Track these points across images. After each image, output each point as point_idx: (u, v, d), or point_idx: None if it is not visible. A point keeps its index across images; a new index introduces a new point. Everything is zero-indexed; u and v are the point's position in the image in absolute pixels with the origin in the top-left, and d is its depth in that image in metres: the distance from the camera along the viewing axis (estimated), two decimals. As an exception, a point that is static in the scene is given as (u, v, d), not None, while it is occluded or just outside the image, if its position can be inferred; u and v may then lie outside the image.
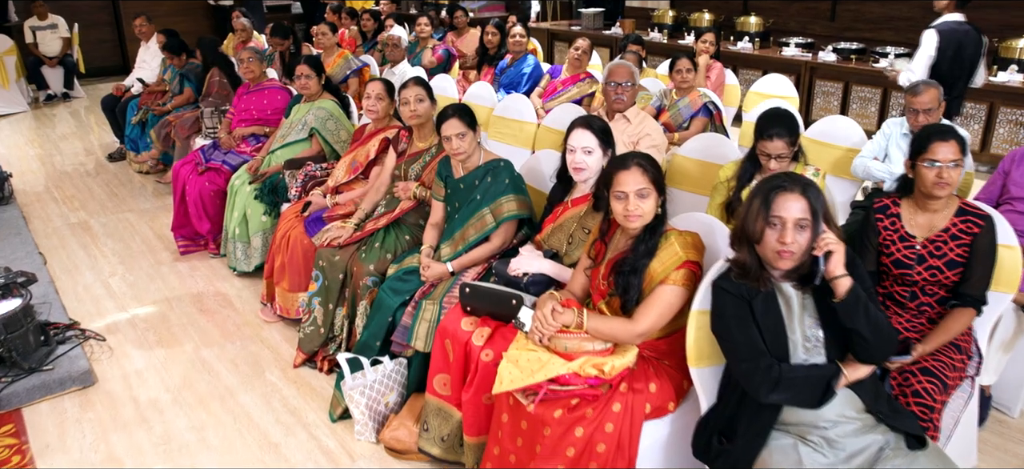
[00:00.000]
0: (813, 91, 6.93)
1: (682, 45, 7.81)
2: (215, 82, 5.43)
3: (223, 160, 4.43)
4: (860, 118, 6.55)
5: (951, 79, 4.39)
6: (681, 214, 2.49)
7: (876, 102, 6.45)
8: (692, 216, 2.49)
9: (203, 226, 4.41)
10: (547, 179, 3.19)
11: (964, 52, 4.44)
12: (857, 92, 6.59)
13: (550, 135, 4.17)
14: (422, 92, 3.24)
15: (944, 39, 4.39)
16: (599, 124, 2.63)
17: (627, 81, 3.49)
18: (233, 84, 5.33)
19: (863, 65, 6.61)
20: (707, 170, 3.44)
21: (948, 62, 4.41)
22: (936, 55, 4.39)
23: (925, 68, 4.44)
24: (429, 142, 3.33)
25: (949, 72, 4.42)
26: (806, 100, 6.91)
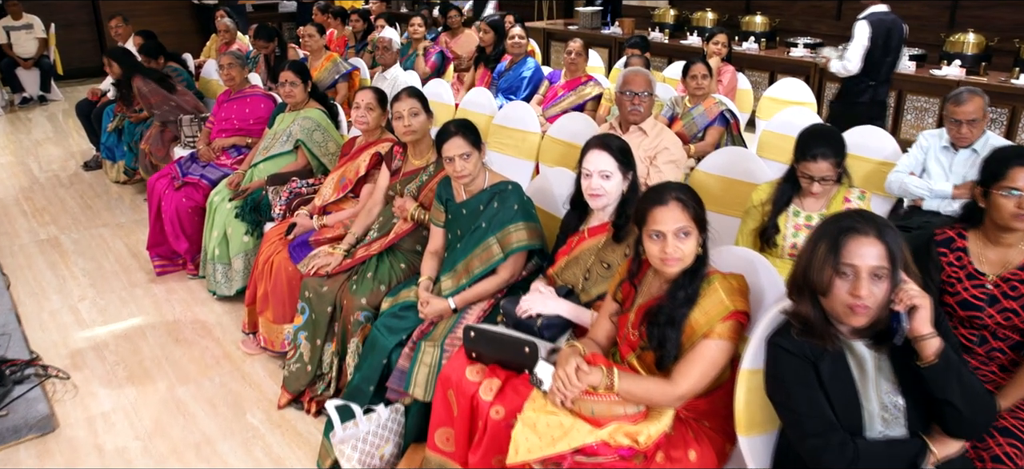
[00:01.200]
0: (823, 94, 6.64)
1: (685, 46, 7.52)
2: (145, 92, 5.00)
3: (201, 174, 4.10)
4: (873, 122, 6.27)
5: (881, 66, 4.80)
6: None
7: (891, 105, 6.16)
8: (726, 250, 2.19)
9: (180, 245, 4.08)
10: (557, 201, 2.89)
11: (891, 40, 4.77)
12: (870, 95, 6.30)
13: (556, 147, 3.86)
14: (417, 104, 2.93)
15: (875, 29, 4.69)
16: (617, 143, 2.32)
17: (644, 91, 3.18)
18: (159, 80, 4.98)
19: (876, 67, 6.33)
20: (732, 188, 3.15)
21: (879, 50, 4.72)
22: (869, 44, 4.67)
23: (860, 59, 4.70)
24: (426, 159, 3.02)
25: (880, 60, 4.77)
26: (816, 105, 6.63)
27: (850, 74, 4.74)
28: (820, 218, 2.50)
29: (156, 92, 4.96)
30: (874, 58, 4.72)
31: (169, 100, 4.96)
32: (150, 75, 5.04)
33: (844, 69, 4.74)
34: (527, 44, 5.10)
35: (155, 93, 4.96)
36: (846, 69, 4.73)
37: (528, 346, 2.10)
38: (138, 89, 5.00)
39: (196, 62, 6.60)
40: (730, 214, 3.13)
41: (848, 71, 4.73)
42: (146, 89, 4.97)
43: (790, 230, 2.54)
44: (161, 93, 4.95)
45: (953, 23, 6.68)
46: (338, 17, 7.06)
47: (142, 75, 5.05)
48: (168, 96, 4.96)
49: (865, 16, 4.75)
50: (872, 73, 4.76)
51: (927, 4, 6.79)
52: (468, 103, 4.52)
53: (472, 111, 4.47)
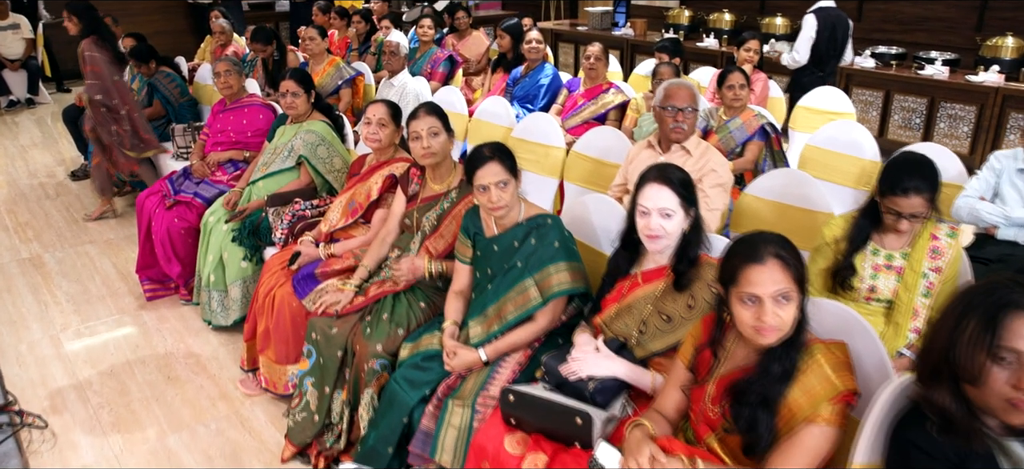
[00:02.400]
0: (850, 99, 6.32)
1: (701, 49, 7.20)
2: (87, 58, 4.37)
3: (195, 192, 3.77)
4: (904, 130, 5.98)
5: (827, 58, 5.17)
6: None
7: (922, 112, 5.86)
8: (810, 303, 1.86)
9: (172, 269, 3.75)
10: (597, 231, 2.57)
11: (837, 33, 5.13)
12: (900, 102, 6.00)
13: (582, 164, 3.54)
14: (437, 123, 2.60)
15: (821, 21, 5.02)
16: (679, 176, 2.00)
17: (689, 106, 2.86)
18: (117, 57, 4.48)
19: (905, 71, 6.03)
20: (786, 216, 2.83)
21: (825, 43, 5.08)
22: (816, 36, 5.03)
23: (808, 50, 5.06)
24: (447, 184, 2.69)
25: (826, 52, 5.14)
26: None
27: (799, 65, 5.14)
28: (903, 258, 2.19)
29: (98, 65, 4.33)
30: (821, 50, 5.09)
31: (108, 90, 4.33)
32: (109, 46, 4.49)
33: (793, 61, 5.14)
34: (545, 49, 4.77)
35: (96, 66, 4.33)
36: (795, 61, 5.13)
37: (581, 416, 1.78)
38: (82, 52, 4.39)
39: (190, 65, 6.26)
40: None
41: (797, 62, 5.13)
42: (89, 55, 4.37)
43: (868, 271, 2.23)
44: (103, 72, 4.34)
45: (982, 25, 6.38)
46: (341, 17, 6.71)
47: (100, 39, 4.46)
48: (110, 82, 4.34)
49: (813, 10, 5.12)
50: (820, 64, 5.14)
51: (954, 4, 6.49)
52: (483, 113, 4.19)
53: (488, 121, 4.15)
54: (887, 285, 2.21)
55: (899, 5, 6.92)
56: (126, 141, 4.47)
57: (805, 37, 5.03)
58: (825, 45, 5.08)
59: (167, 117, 5.14)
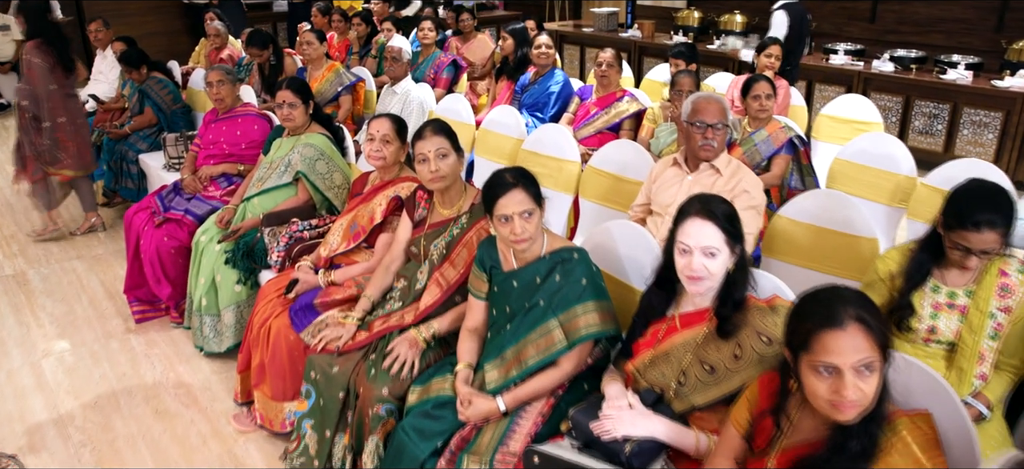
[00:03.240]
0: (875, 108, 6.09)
1: (712, 52, 6.98)
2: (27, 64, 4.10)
3: (186, 209, 3.54)
4: (925, 137, 5.76)
5: (796, 53, 5.25)
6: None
7: (944, 119, 5.65)
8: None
9: (162, 291, 3.52)
10: (622, 260, 2.35)
11: (803, 28, 5.28)
12: (920, 107, 5.79)
13: (599, 179, 3.31)
14: (445, 143, 2.37)
15: (792, 17, 5.09)
16: (724, 210, 1.78)
17: (719, 121, 2.64)
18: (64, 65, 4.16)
19: (926, 75, 5.82)
20: (826, 242, 2.61)
21: (795, 38, 5.14)
22: (788, 32, 5.05)
23: None
24: (457, 208, 2.46)
25: (796, 47, 5.21)
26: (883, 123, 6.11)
27: None
28: (968, 296, 1.97)
29: (33, 70, 4.05)
30: (791, 45, 5.07)
31: (37, 98, 4.06)
32: (55, 51, 4.14)
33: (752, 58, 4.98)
34: (554, 54, 4.54)
35: (31, 71, 4.06)
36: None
37: (616, 485, 1.56)
38: (24, 55, 4.12)
39: (183, 70, 6.02)
40: (827, 272, 2.60)
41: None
42: (26, 59, 4.11)
43: (928, 310, 2.01)
44: (37, 79, 4.05)
45: (1002, 26, 6.17)
46: (343, 19, 6.48)
47: (44, 44, 4.13)
48: (43, 91, 4.04)
49: (781, 5, 5.15)
50: (789, 59, 5.04)
51: (972, 5, 6.27)
52: (492, 123, 3.97)
53: (496, 132, 3.92)
54: (949, 326, 1.99)
55: (915, 6, 6.71)
56: (44, 155, 4.27)
57: (778, 33, 5.05)
58: (795, 40, 5.17)
59: (159, 125, 4.92)
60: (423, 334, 2.27)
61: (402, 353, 2.22)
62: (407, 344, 2.25)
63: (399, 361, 2.21)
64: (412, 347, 2.24)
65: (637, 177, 3.15)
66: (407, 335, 2.28)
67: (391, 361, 2.21)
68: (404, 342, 2.26)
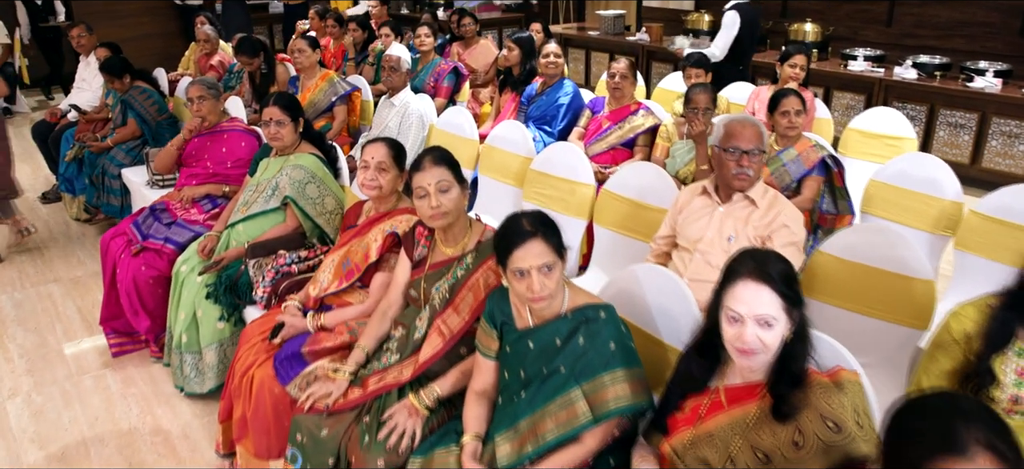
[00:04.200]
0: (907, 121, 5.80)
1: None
2: None
3: (165, 237, 3.25)
4: (950, 148, 5.48)
5: (747, 53, 5.27)
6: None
7: (971, 129, 5.36)
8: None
9: (140, 323, 3.24)
10: (651, 309, 2.06)
11: (755, 28, 5.30)
12: (945, 117, 5.50)
13: (616, 204, 3.03)
14: (447, 176, 2.09)
15: (743, 17, 5.05)
16: (781, 269, 1.50)
17: (755, 147, 2.36)
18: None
19: (952, 82, 5.53)
20: (877, 283, 2.34)
21: (747, 38, 5.15)
22: (738, 32, 5.04)
23: (726, 47, 5.07)
24: (461, 245, 2.18)
25: (748, 47, 5.23)
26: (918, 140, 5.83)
27: (717, 61, 4.96)
28: (1058, 361, 1.68)
29: None
30: (743, 45, 5.13)
31: None
32: None
33: (712, 57, 4.97)
34: (563, 63, 4.26)
35: None
36: (713, 57, 4.99)
37: None
38: None
39: (170, 76, 5.75)
40: (875, 316, 2.32)
41: (714, 58, 4.98)
42: None
43: (1011, 378, 1.73)
44: None
45: (1027, 29, 5.90)
46: (339, 24, 6.19)
47: None
48: None
49: (733, 6, 5.11)
50: (741, 59, 5.16)
51: (994, 7, 5.98)
52: (497, 140, 3.68)
53: (502, 149, 3.64)
54: (1036, 395, 1.71)
55: (934, 9, 6.42)
56: None
57: (728, 34, 5.06)
58: (747, 40, 5.17)
59: (143, 138, 4.64)
60: (424, 401, 1.99)
61: (401, 423, 1.94)
62: (406, 413, 1.97)
63: (397, 432, 1.92)
64: (412, 416, 1.96)
65: (659, 204, 2.87)
66: (406, 402, 2.00)
67: (387, 432, 1.93)
68: (403, 410, 1.98)
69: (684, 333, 1.96)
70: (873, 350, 2.30)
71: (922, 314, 2.26)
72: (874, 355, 2.28)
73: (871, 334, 2.34)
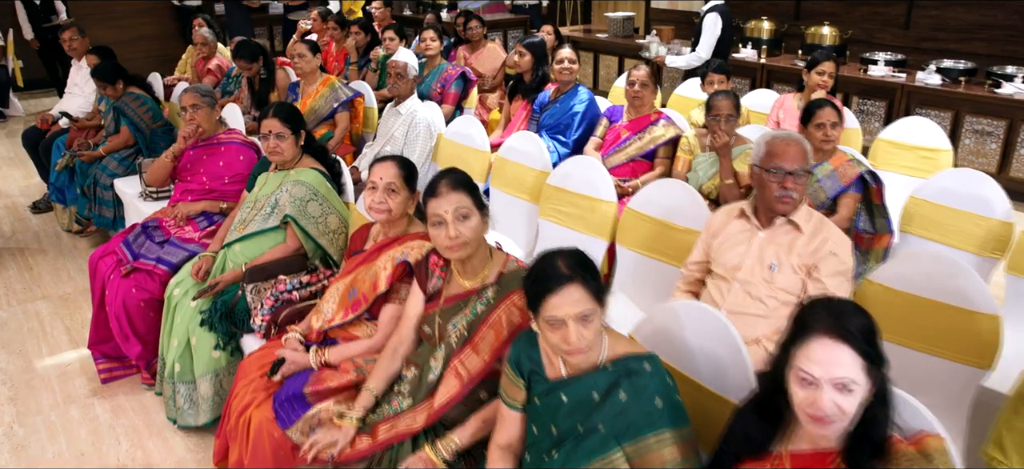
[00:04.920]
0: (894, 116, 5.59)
1: (738, 61, 6.47)
2: None
3: (158, 257, 3.04)
4: (977, 157, 5.27)
5: (727, 54, 5.33)
6: None
7: (999, 137, 5.16)
8: None
9: (131, 349, 3.03)
10: (692, 351, 1.85)
11: (731, 29, 5.34)
12: (971, 124, 5.30)
13: (641, 224, 2.82)
14: (467, 202, 1.88)
15: (723, 18, 5.11)
16: (861, 324, 1.31)
17: (800, 167, 2.16)
18: None
19: (978, 88, 5.33)
20: (931, 314, 2.12)
21: (727, 39, 5.24)
22: (721, 34, 5.09)
23: (711, 48, 5.11)
24: (480, 278, 1.97)
25: (727, 48, 5.31)
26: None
27: (702, 62, 4.97)
28: None
29: None
30: (724, 47, 5.19)
31: None
32: None
33: (698, 59, 5.11)
34: (578, 69, 4.05)
35: None
36: (700, 58, 5.07)
37: None
38: None
39: (167, 80, 5.54)
40: (934, 353, 2.11)
41: (702, 59, 5.06)
42: None
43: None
44: None
45: (1050, 30, 5.70)
46: (340, 25, 5.98)
47: None
48: None
49: (713, 7, 5.12)
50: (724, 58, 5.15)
51: (1016, 10, 5.78)
52: (510, 151, 3.47)
53: (515, 161, 3.43)
54: None
55: (954, 12, 6.21)
56: None
57: (711, 35, 5.08)
58: (726, 41, 5.21)
59: (137, 147, 4.43)
60: (442, 454, 1.78)
61: None
62: (422, 466, 1.76)
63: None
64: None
65: (688, 224, 2.67)
66: (421, 454, 1.79)
67: None
68: (418, 463, 1.77)
69: (732, 380, 1.76)
70: (930, 390, 2.09)
71: (986, 351, 2.06)
72: (931, 396, 2.06)
73: (927, 372, 2.14)
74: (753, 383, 1.71)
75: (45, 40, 7.68)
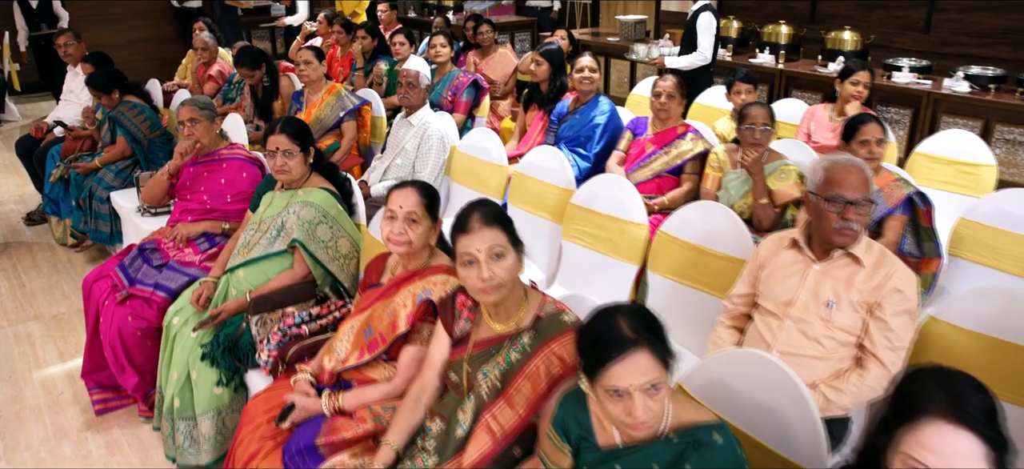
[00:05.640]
0: (937, 130, 5.40)
1: (756, 66, 6.27)
2: None
3: (156, 282, 2.84)
4: (1008, 167, 5.07)
5: (716, 55, 5.12)
6: None
7: (1028, 145, 4.95)
8: None
9: (127, 380, 2.84)
10: (752, 407, 1.66)
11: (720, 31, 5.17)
12: (1002, 133, 5.09)
13: (675, 250, 2.62)
14: (501, 240, 1.68)
15: (716, 18, 4.96)
16: (982, 404, 1.13)
17: (862, 196, 1.96)
18: None
19: (1008, 96, 5.13)
20: (1004, 355, 1.93)
21: (719, 40, 5.11)
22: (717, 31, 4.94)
23: (712, 49, 4.93)
24: (514, 322, 1.77)
25: (717, 49, 5.13)
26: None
27: (707, 63, 4.92)
28: None
29: None
30: (716, 50, 5.08)
31: None
32: None
33: (704, 59, 4.93)
34: (599, 78, 3.85)
35: None
36: (705, 58, 4.91)
37: None
38: None
39: (166, 86, 5.35)
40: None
41: (707, 59, 4.93)
42: None
43: None
44: None
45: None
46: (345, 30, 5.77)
47: None
48: None
49: (704, 6, 4.93)
50: (712, 62, 5.06)
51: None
52: (530, 167, 3.27)
53: (536, 178, 3.23)
54: None
55: (976, 15, 6.02)
56: None
57: (710, 35, 4.91)
58: (718, 42, 5.10)
59: (134, 158, 4.23)
60: (476, 529, 1.58)
61: None
62: None
63: None
64: None
65: (729, 251, 2.47)
66: None
67: None
68: None
69: (797, 438, 1.57)
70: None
71: (1071, 401, 1.86)
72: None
73: (1013, 423, 1.93)
74: (820, 437, 1.52)
75: (39, 46, 7.44)
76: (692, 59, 5.05)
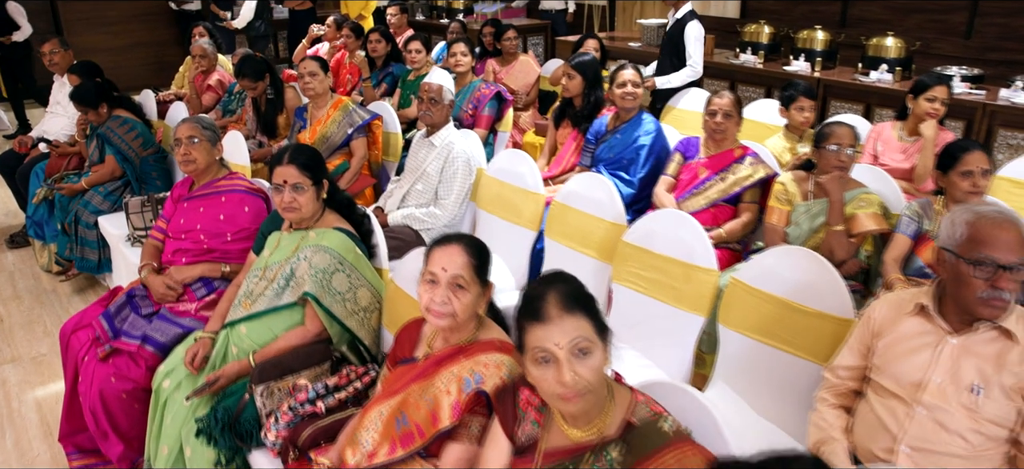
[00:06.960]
0: (993, 145, 5.01)
1: (788, 73, 5.86)
2: None
3: (144, 334, 2.45)
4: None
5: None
6: None
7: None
8: None
9: (111, 449, 2.44)
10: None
11: None
12: (1068, 148, 4.70)
13: (753, 303, 2.22)
14: (587, 331, 1.30)
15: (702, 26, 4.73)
16: None
17: (1019, 259, 1.56)
18: None
19: (1072, 109, 4.74)
20: None
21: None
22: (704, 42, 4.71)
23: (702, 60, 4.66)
24: (596, 428, 1.38)
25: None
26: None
27: (699, 76, 4.70)
28: None
29: None
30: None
31: None
32: None
33: (695, 74, 4.67)
34: (643, 94, 3.46)
35: None
36: (697, 73, 4.68)
37: None
38: None
39: (160, 97, 4.95)
40: None
41: (699, 73, 4.69)
42: None
43: None
44: None
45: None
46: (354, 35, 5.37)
47: None
48: None
49: (689, 14, 4.69)
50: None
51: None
52: (570, 197, 2.87)
53: (579, 209, 2.83)
54: None
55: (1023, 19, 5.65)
56: None
57: (701, 46, 4.69)
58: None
59: (124, 179, 3.84)
60: None
61: None
62: None
63: None
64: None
65: (820, 306, 2.07)
66: None
67: None
68: None
69: None
70: None
71: None
72: None
73: None
74: None
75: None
76: (683, 76, 4.55)
